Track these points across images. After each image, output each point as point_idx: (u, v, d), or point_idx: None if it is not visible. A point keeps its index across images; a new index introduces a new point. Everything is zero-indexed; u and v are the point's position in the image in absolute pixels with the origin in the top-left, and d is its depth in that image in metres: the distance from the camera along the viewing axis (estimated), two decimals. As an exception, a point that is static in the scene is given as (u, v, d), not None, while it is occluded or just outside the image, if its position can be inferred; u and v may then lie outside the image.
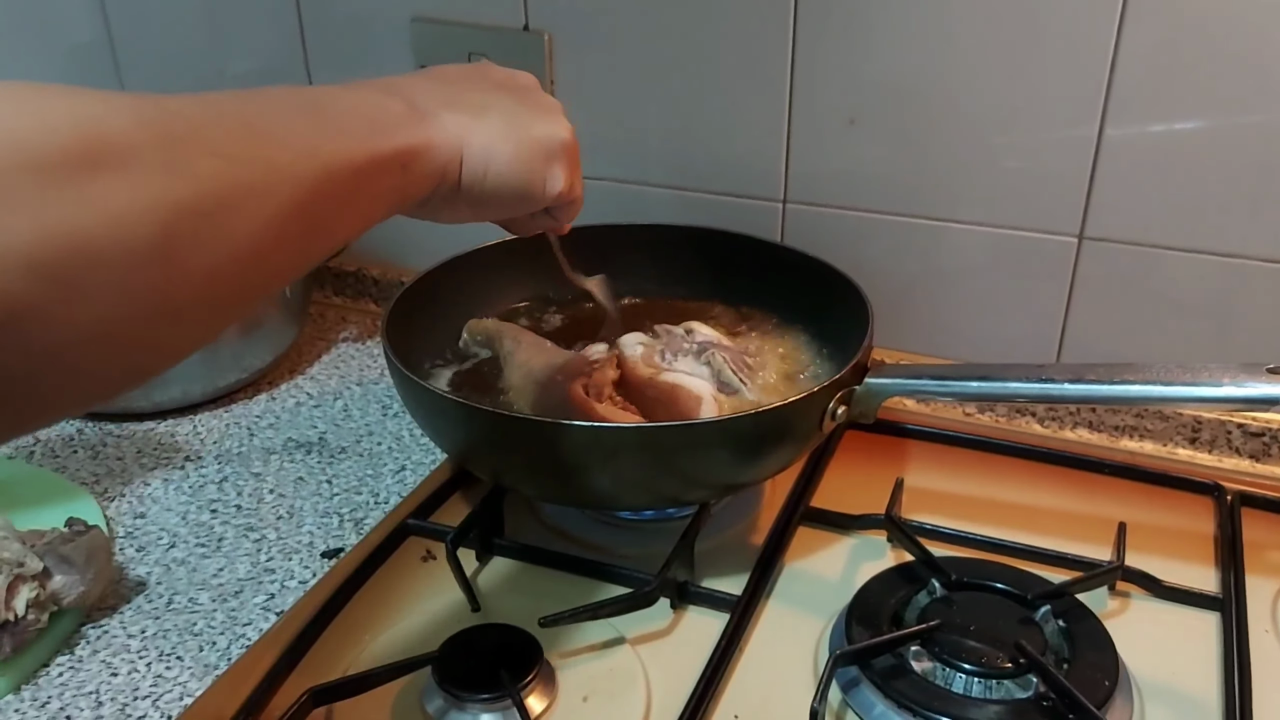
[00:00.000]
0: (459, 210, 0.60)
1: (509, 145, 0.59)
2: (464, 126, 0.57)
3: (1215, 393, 0.66)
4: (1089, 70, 0.84)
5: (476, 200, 0.59)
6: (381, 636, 0.71)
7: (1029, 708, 0.63)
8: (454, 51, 1.02)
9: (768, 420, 0.71)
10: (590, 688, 0.67)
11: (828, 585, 0.76)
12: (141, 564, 0.79)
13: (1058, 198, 0.89)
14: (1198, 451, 0.91)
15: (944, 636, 0.67)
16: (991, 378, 0.72)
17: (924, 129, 0.91)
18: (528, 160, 0.60)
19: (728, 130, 0.97)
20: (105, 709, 0.66)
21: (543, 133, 0.61)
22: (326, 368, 1.06)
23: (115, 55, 1.20)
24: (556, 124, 0.63)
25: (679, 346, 0.83)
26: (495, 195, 0.60)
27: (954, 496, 0.86)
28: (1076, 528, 0.81)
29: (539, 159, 0.61)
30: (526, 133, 0.60)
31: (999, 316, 0.95)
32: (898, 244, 0.95)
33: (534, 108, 0.62)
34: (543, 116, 0.62)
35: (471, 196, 0.59)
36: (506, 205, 0.62)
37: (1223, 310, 0.88)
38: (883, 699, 0.64)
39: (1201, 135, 0.83)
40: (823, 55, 0.91)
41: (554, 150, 0.62)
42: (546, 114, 0.63)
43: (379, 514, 0.83)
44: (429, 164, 0.55)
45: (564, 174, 0.63)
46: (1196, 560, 0.79)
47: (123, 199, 0.38)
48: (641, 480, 0.73)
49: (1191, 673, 0.69)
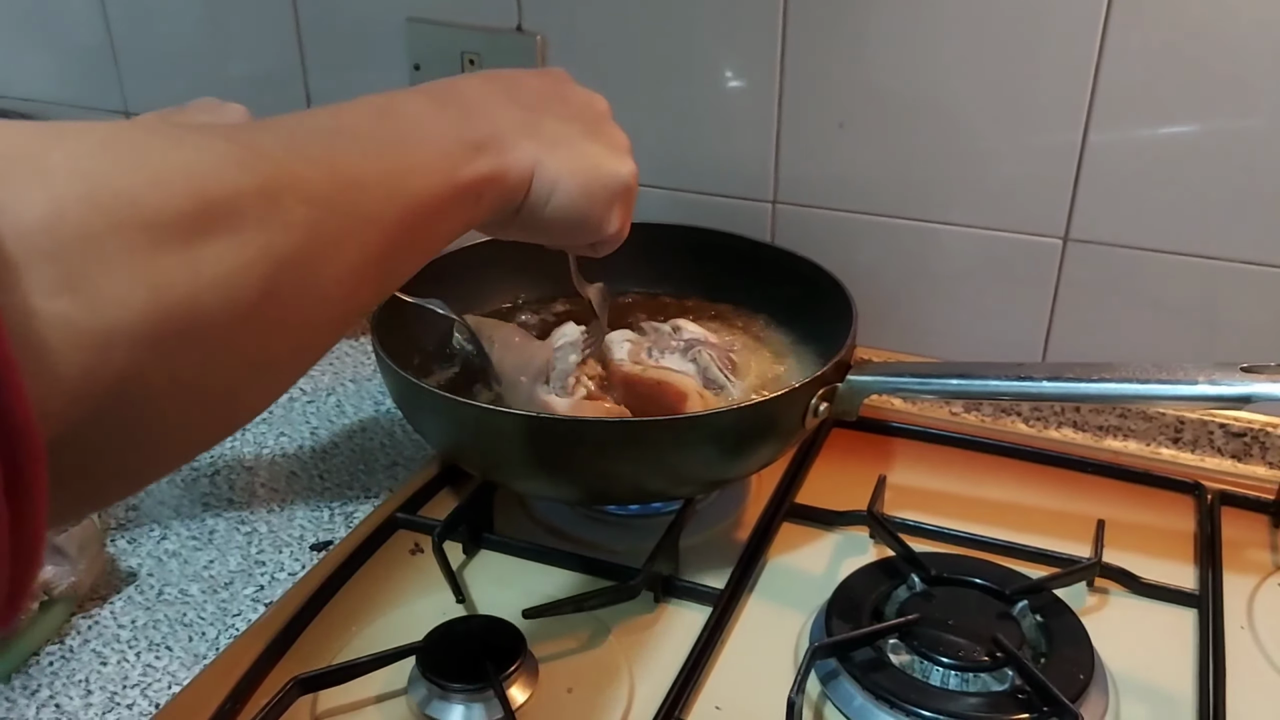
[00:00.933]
0: (510, 230, 0.59)
1: (576, 180, 0.57)
2: (538, 155, 0.56)
3: (1191, 391, 0.67)
4: (1075, 75, 0.85)
5: (531, 226, 0.58)
6: (368, 627, 0.72)
7: (1005, 700, 0.64)
8: (448, 52, 1.03)
9: (751, 416, 0.72)
10: (573, 679, 0.68)
11: (810, 580, 0.77)
12: (133, 555, 0.80)
13: (1043, 200, 0.90)
14: (1180, 451, 0.92)
15: (922, 630, 0.68)
16: (971, 375, 0.73)
17: (912, 132, 0.92)
18: (591, 198, 0.59)
19: (719, 131, 0.98)
20: (94, 698, 0.67)
21: (610, 172, 0.60)
22: (320, 364, 1.07)
23: (116, 57, 1.21)
24: (624, 164, 0.61)
25: (666, 343, 0.84)
26: (551, 226, 0.58)
27: (938, 494, 0.87)
28: (1058, 525, 0.81)
29: (601, 199, 0.60)
30: (595, 171, 0.59)
31: (985, 318, 0.96)
32: (886, 245, 0.96)
33: (606, 144, 0.61)
34: (612, 155, 0.61)
35: (528, 223, 0.58)
36: (558, 236, 0.60)
37: (1206, 312, 0.89)
38: (861, 691, 0.65)
39: (1185, 139, 0.84)
40: (812, 58, 0.92)
41: (617, 191, 0.61)
42: (616, 152, 0.61)
43: (369, 508, 0.84)
44: (501, 191, 0.54)
45: (620, 215, 0.62)
46: (1176, 558, 0.80)
47: (231, 259, 0.35)
48: (627, 475, 0.74)
49: (1167, 668, 0.70)
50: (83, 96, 1.25)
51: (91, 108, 1.25)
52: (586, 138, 0.59)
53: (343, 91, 1.10)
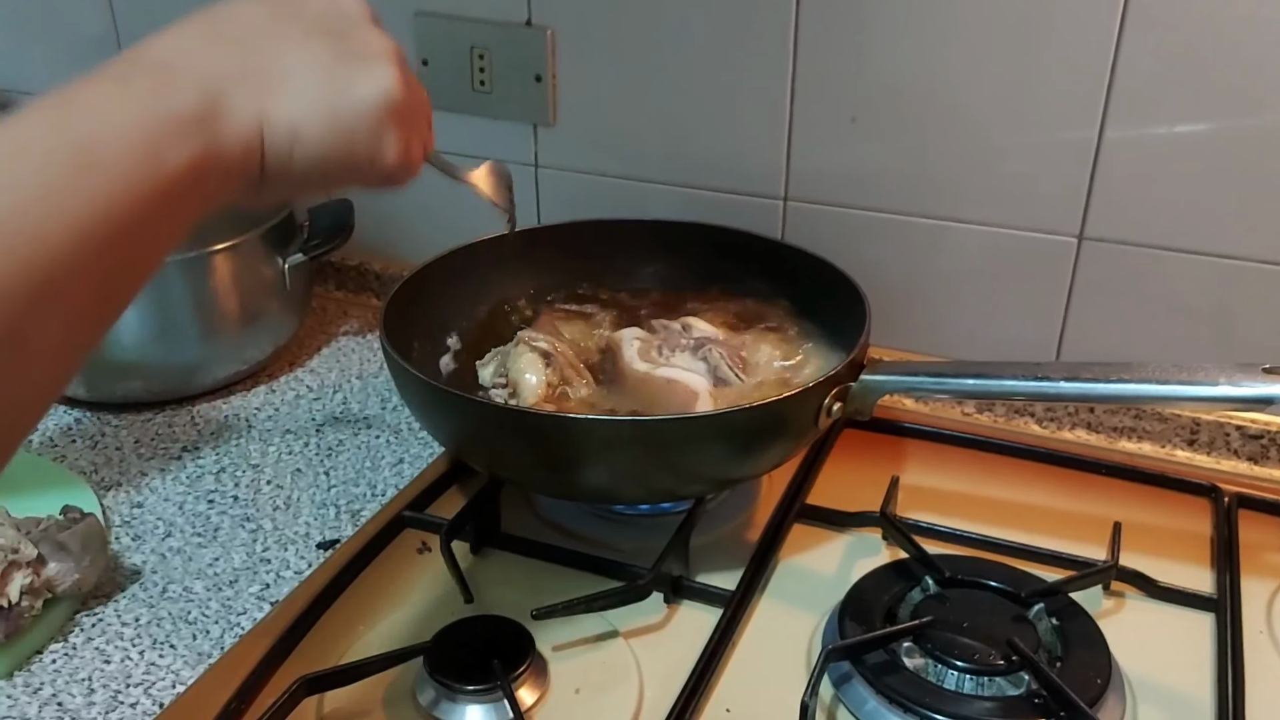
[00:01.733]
0: (266, 198, 0.49)
1: (319, 118, 0.47)
2: (260, 104, 0.46)
3: (1211, 392, 0.66)
4: (1090, 72, 0.84)
5: (288, 186, 0.49)
6: (375, 627, 0.71)
7: (1021, 705, 0.63)
8: (456, 46, 1.02)
9: (763, 415, 0.71)
10: (582, 680, 0.67)
11: (822, 581, 0.76)
12: (137, 553, 0.79)
13: (1058, 198, 0.89)
14: (1196, 453, 0.90)
15: (937, 633, 0.67)
16: (987, 375, 0.72)
17: (925, 128, 0.91)
18: (347, 133, 0.49)
19: (729, 127, 0.97)
20: (98, 696, 0.67)
21: (362, 95, 0.49)
22: (326, 360, 1.06)
23: (122, 48, 1.19)
24: (377, 77, 0.50)
25: (676, 342, 0.83)
26: (310, 178, 0.49)
27: (950, 495, 0.86)
28: (1073, 528, 0.80)
29: (362, 129, 0.49)
30: (341, 98, 0.48)
31: (998, 317, 0.95)
32: (898, 243, 0.95)
33: (353, 59, 0.49)
34: (362, 69, 0.49)
35: (281, 184, 0.48)
36: (327, 184, 0.52)
37: (1221, 312, 0.88)
38: (874, 694, 0.64)
39: (1201, 138, 0.83)
40: (825, 53, 0.91)
41: (378, 113, 0.49)
42: (367, 64, 0.50)
43: (375, 506, 0.83)
44: (225, 168, 0.45)
45: (398, 138, 0.51)
46: (1192, 561, 0.79)
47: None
48: (637, 474, 0.73)
49: (1185, 673, 0.69)
50: (88, 90, 1.24)
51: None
52: (327, 59, 0.48)
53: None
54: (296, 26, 0.48)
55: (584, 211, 0.83)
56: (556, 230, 0.97)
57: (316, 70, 0.48)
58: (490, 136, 1.05)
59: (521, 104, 1.03)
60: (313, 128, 0.47)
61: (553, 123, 1.03)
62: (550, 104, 1.02)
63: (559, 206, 1.05)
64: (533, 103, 1.02)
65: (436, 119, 0.57)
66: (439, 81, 1.05)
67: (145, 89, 0.43)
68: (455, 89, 1.04)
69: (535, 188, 1.06)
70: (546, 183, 1.06)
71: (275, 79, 0.46)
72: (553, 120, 1.03)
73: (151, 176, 0.41)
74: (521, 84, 1.02)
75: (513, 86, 1.02)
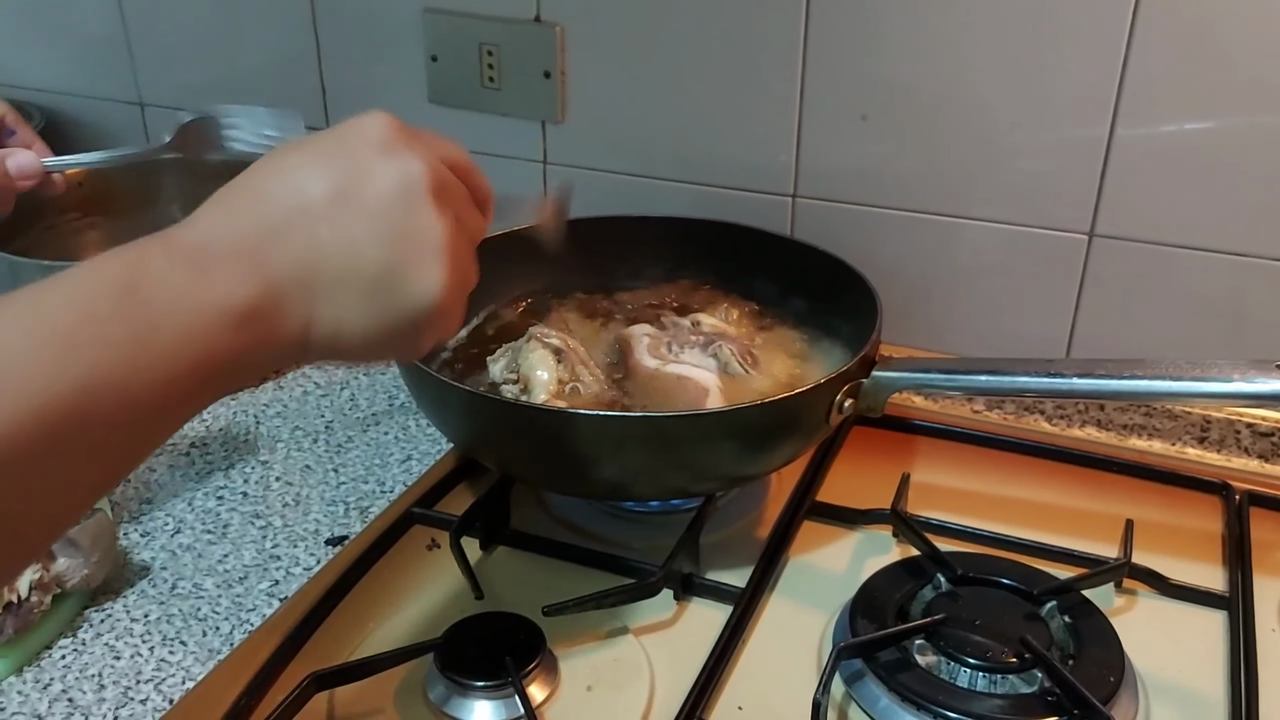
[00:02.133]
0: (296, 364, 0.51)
1: (366, 322, 0.50)
2: (310, 306, 0.48)
3: (1224, 388, 0.65)
4: (1102, 69, 0.84)
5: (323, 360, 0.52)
6: (385, 623, 0.71)
7: (1034, 703, 0.63)
8: (465, 43, 1.02)
9: (774, 412, 0.71)
10: (594, 677, 0.67)
11: (833, 579, 0.76)
12: (147, 549, 0.79)
13: (1069, 195, 0.89)
14: (1206, 451, 0.90)
15: (949, 630, 0.67)
16: (1000, 372, 0.72)
17: (936, 125, 0.90)
18: (389, 334, 0.51)
19: (739, 124, 0.97)
20: (107, 692, 0.66)
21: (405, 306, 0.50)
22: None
23: (130, 47, 1.20)
24: (424, 284, 0.50)
25: (686, 338, 0.83)
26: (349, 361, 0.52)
27: (961, 493, 0.85)
28: (1083, 525, 0.80)
29: (405, 327, 0.51)
30: (386, 309, 0.50)
31: (1009, 313, 0.95)
32: (908, 240, 0.95)
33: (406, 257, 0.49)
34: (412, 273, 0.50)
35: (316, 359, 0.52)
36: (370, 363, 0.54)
37: (1233, 309, 0.87)
38: (887, 692, 0.64)
39: (1212, 135, 0.83)
40: (835, 50, 0.91)
41: (419, 320, 0.51)
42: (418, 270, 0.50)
43: (384, 503, 0.83)
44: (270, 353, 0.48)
45: (436, 330, 0.52)
46: (1204, 559, 0.78)
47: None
48: (647, 471, 0.73)
49: (1197, 671, 0.69)
50: (96, 87, 1.24)
51: (105, 98, 1.24)
52: (375, 267, 0.49)
53: (358, 84, 1.10)
54: (357, 223, 0.49)
55: (593, 208, 0.83)
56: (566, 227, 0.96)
57: (365, 282, 0.49)
58: (499, 133, 1.05)
59: (530, 101, 1.03)
60: (356, 330, 0.49)
61: (561, 119, 1.03)
62: (559, 101, 1.02)
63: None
64: (542, 99, 1.02)
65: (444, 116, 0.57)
66: (448, 78, 1.05)
67: (215, 278, 0.45)
68: (464, 85, 1.04)
69: (544, 184, 1.06)
70: (555, 179, 1.06)
71: (326, 286, 0.48)
72: (561, 117, 1.03)
73: (203, 357, 0.44)
74: (530, 81, 1.02)
75: (522, 83, 1.02)
